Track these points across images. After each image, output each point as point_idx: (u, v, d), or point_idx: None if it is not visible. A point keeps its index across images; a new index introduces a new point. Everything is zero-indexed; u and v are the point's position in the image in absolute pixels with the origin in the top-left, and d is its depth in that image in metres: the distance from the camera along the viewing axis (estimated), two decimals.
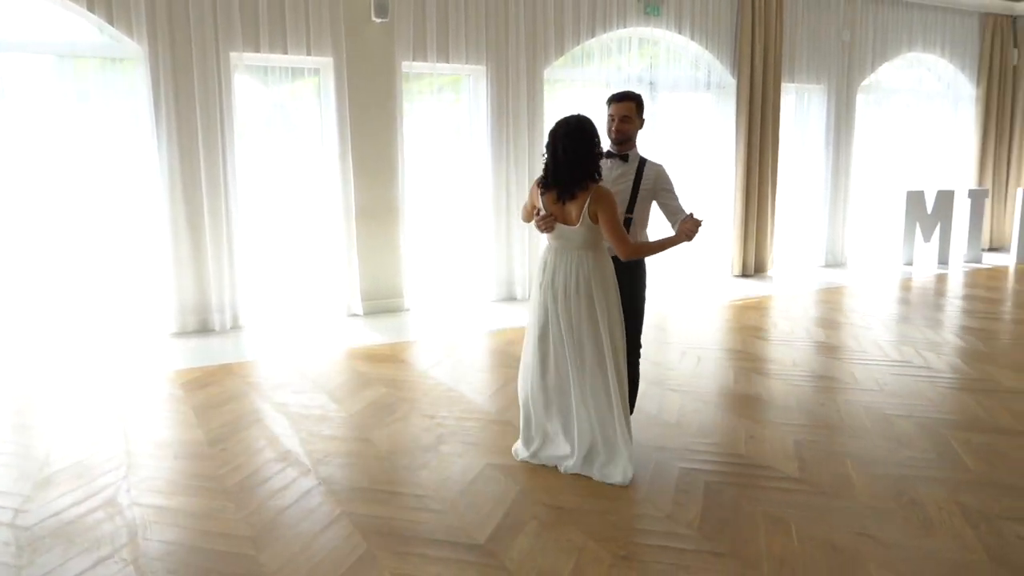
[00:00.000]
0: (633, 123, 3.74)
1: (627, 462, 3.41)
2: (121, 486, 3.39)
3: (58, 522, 3.07)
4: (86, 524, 3.05)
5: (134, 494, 3.32)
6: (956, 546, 2.88)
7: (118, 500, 3.26)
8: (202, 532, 3.00)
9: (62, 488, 3.37)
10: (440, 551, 2.86)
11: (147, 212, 6.14)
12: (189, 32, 6.00)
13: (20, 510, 3.18)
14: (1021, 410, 4.41)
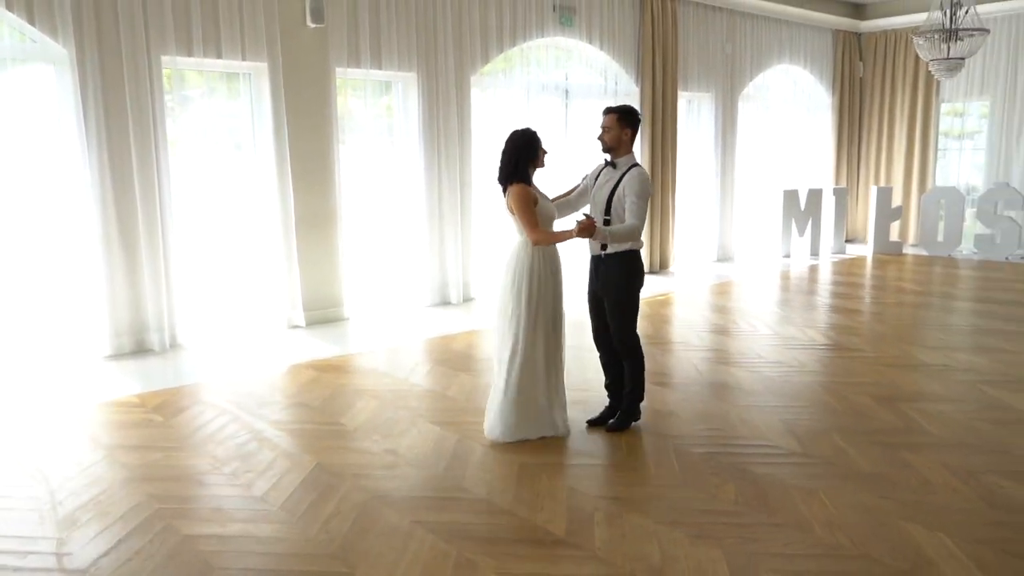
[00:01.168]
0: (614, 133, 4.04)
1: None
2: (160, 517, 3.22)
3: (114, 561, 2.89)
4: (148, 560, 2.89)
5: (182, 524, 3.17)
6: (958, 499, 3.36)
7: (166, 532, 3.10)
8: (281, 556, 2.94)
9: (95, 526, 3.15)
10: (528, 549, 2.98)
11: (76, 227, 5.70)
12: (118, 35, 5.63)
13: (61, 554, 2.95)
14: (944, 381, 5.11)
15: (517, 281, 3.91)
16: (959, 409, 4.55)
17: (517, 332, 3.91)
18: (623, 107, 4.11)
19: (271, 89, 6.42)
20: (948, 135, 12.09)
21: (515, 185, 3.89)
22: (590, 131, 8.59)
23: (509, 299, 3.94)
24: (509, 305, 3.94)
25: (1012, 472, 3.62)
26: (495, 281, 4.16)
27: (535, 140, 3.96)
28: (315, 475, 3.65)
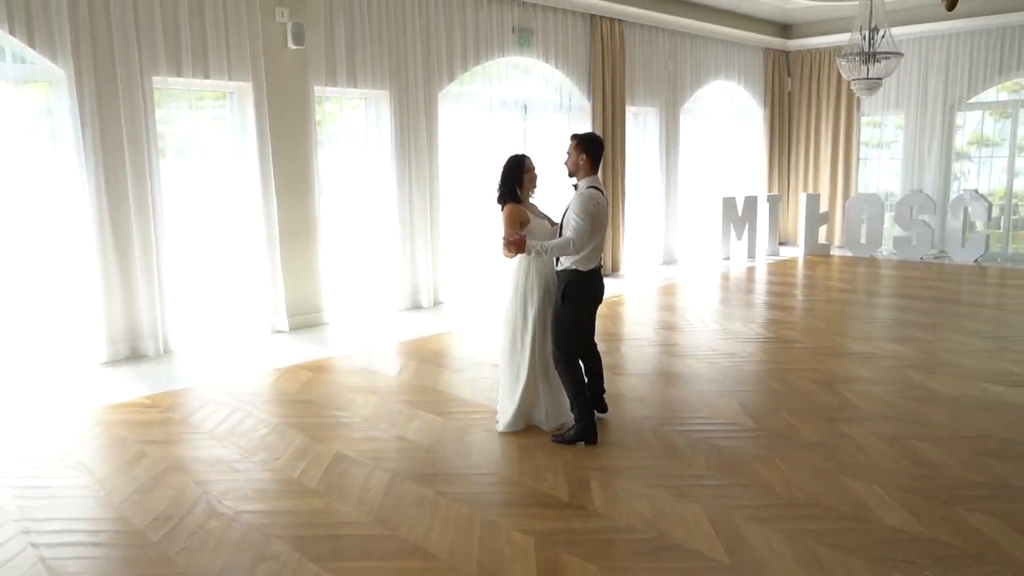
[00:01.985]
0: (572, 158, 4.38)
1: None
2: (207, 499, 3.62)
3: (180, 536, 3.29)
4: (211, 533, 3.31)
5: (230, 504, 3.58)
6: (887, 459, 4.04)
7: (219, 511, 3.51)
8: (328, 525, 3.39)
9: (151, 509, 3.54)
10: (539, 510, 3.50)
11: (74, 238, 5.97)
12: (113, 57, 5.93)
13: (129, 531, 3.34)
14: (871, 366, 5.86)
15: (518, 291, 4.38)
16: (885, 389, 5.29)
17: (518, 337, 4.38)
18: (581, 134, 4.43)
19: (255, 107, 6.79)
20: (868, 144, 13.16)
21: (507, 205, 4.37)
22: (547, 143, 9.30)
23: (511, 307, 4.41)
24: (511, 313, 4.41)
25: (929, 437, 4.33)
26: (501, 291, 4.61)
27: (520, 164, 4.40)
28: (338, 460, 4.10)
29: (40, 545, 3.20)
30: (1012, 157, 11.57)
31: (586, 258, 4.25)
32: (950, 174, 12.02)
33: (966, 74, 11.53)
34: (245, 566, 3.03)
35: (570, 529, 3.32)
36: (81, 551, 3.19)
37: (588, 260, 4.26)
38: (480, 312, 8.01)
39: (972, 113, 11.89)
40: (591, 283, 4.33)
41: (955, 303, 8.37)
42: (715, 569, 2.98)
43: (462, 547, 3.16)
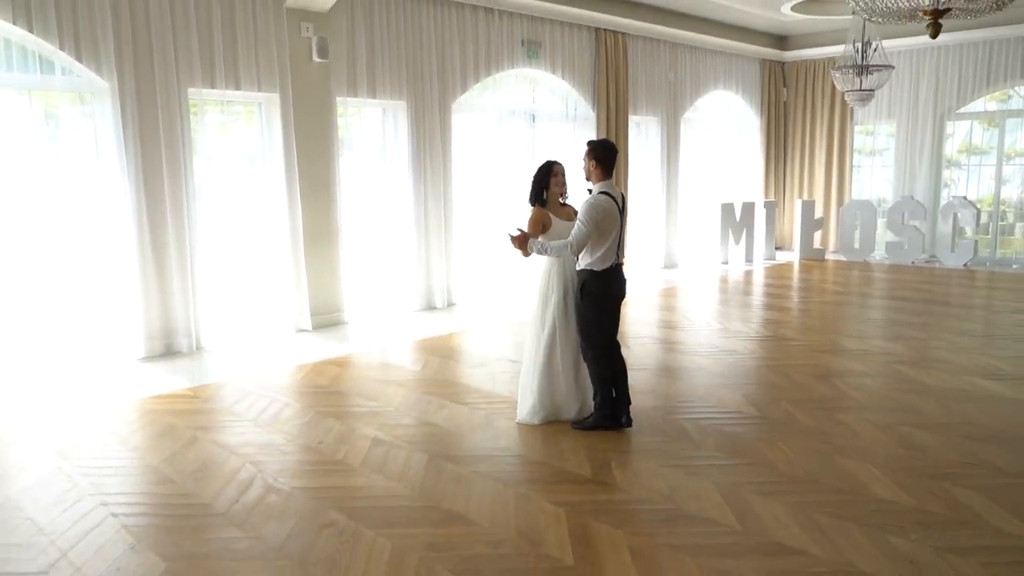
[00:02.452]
0: (585, 164, 4.67)
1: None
2: (264, 476, 3.98)
3: (245, 506, 3.64)
4: (272, 505, 3.66)
5: (286, 480, 3.94)
6: (880, 443, 4.42)
7: (276, 487, 3.87)
8: (377, 498, 3.74)
9: (215, 484, 3.89)
10: (566, 485, 3.87)
11: (114, 240, 6.32)
12: (152, 70, 6.30)
13: (200, 503, 3.69)
14: (864, 361, 6.25)
15: (540, 291, 4.75)
16: (877, 382, 5.68)
17: (537, 334, 4.73)
18: (594, 141, 4.74)
19: (282, 116, 7.16)
20: (861, 152, 13.59)
21: (534, 208, 4.75)
22: (554, 151, 9.68)
23: (534, 306, 4.78)
24: (533, 311, 4.77)
25: (919, 424, 4.71)
26: (531, 290, 4.94)
27: (548, 170, 4.75)
28: (376, 443, 4.46)
29: (119, 515, 3.55)
30: (999, 165, 12.01)
31: (600, 259, 4.56)
32: (940, 181, 12.46)
33: (955, 85, 11.97)
34: (309, 531, 3.39)
35: (595, 501, 3.69)
36: (157, 520, 3.54)
37: (602, 260, 4.56)
38: (491, 313, 8.38)
39: (961, 122, 12.33)
40: (606, 281, 4.60)
41: (945, 305, 8.77)
42: (727, 534, 3.35)
43: (500, 516, 3.52)
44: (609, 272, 4.62)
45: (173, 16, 6.38)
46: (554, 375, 4.74)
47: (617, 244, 4.61)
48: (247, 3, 6.81)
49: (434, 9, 8.26)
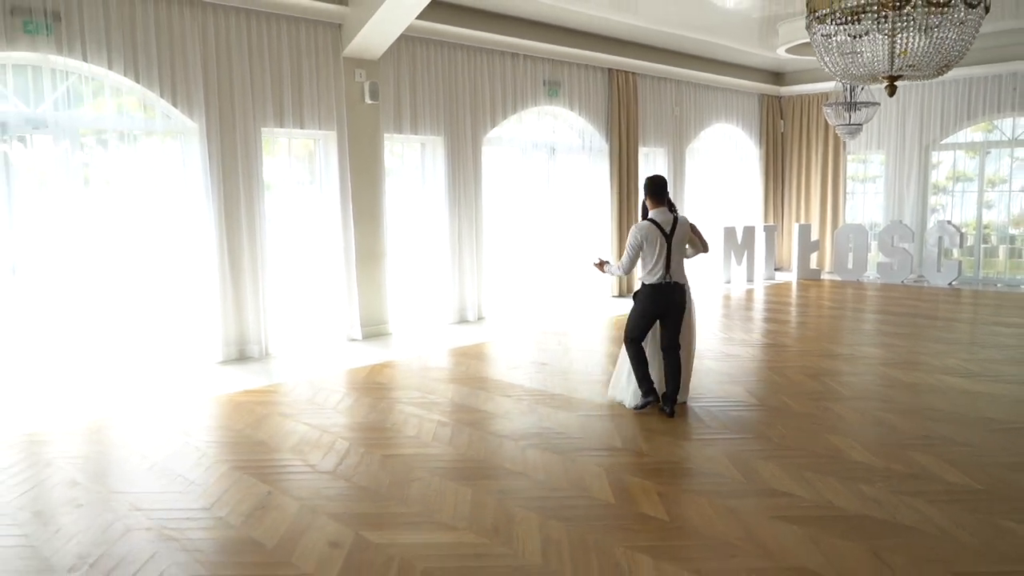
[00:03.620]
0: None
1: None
2: (358, 448, 4.90)
3: (347, 468, 4.56)
4: (369, 467, 4.58)
5: (375, 451, 4.86)
6: (860, 424, 5.34)
7: (370, 454, 4.78)
8: (449, 461, 4.66)
9: (319, 454, 4.81)
10: (604, 452, 4.79)
11: (199, 260, 7.29)
12: (232, 112, 7.32)
13: (310, 466, 4.61)
14: (851, 364, 7.18)
15: None
16: (861, 379, 6.60)
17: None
18: (646, 177, 5.69)
19: (338, 151, 8.17)
20: (855, 179, 14.60)
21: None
22: (571, 179, 10.68)
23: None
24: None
25: (891, 410, 5.63)
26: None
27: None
28: (441, 425, 5.38)
29: (248, 473, 4.48)
30: (981, 192, 13.00)
31: (648, 274, 5.55)
32: (927, 206, 13.45)
33: (939, 118, 13.01)
34: (403, 483, 4.31)
35: (628, 463, 4.61)
36: (278, 477, 4.46)
37: (650, 275, 5.53)
38: (517, 324, 9.32)
39: (946, 152, 13.34)
40: (652, 292, 5.51)
41: (928, 318, 9.70)
42: (733, 484, 4.26)
43: (554, 473, 4.44)
44: (655, 287, 5.51)
45: (251, 67, 7.41)
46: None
47: (665, 262, 5.47)
48: (311, 54, 7.84)
49: (467, 55, 9.31)
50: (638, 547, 3.50)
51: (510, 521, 3.80)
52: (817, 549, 3.47)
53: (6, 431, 5.29)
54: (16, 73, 6.25)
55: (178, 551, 3.52)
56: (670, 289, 5.54)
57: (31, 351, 6.43)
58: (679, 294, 5.60)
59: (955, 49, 4.38)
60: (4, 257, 6.28)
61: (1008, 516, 3.78)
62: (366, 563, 3.38)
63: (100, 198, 6.73)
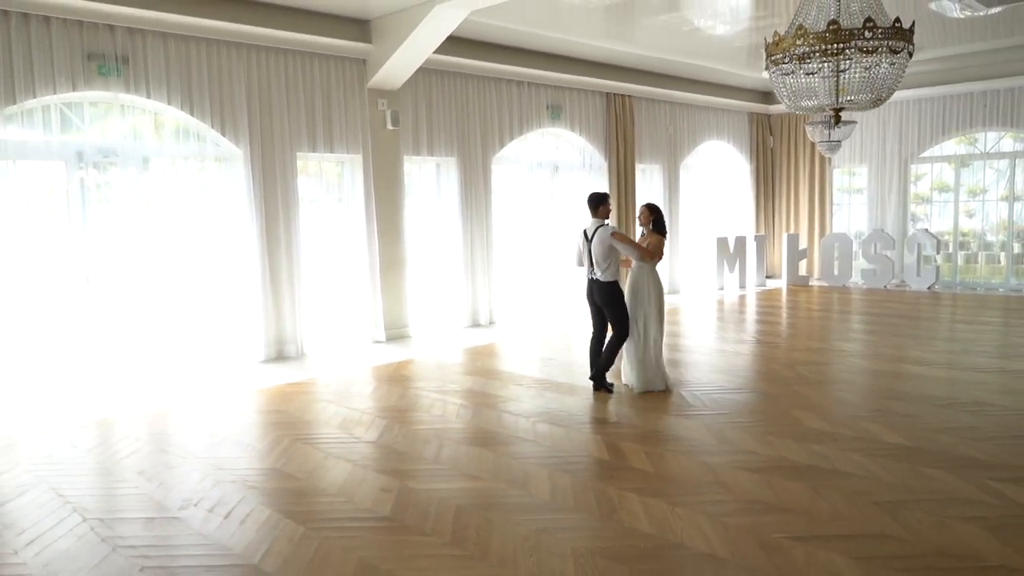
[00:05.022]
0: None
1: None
2: (394, 425, 5.80)
3: (389, 438, 5.46)
4: (416, 436, 5.48)
5: (409, 425, 5.76)
6: (820, 402, 6.21)
7: (403, 427, 5.69)
8: (483, 432, 5.56)
9: (362, 429, 5.71)
10: (600, 425, 5.68)
11: (243, 270, 8.22)
12: (272, 139, 8.28)
13: (358, 439, 5.51)
14: (825, 356, 8.06)
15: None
16: (831, 368, 7.49)
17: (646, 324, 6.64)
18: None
19: (363, 171, 9.12)
20: (844, 190, 15.50)
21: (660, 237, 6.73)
22: (571, 195, 11.60)
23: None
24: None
25: (850, 391, 6.51)
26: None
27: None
28: (462, 407, 6.28)
29: (308, 443, 5.38)
30: (957, 201, 13.90)
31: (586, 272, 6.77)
32: (907, 216, 14.33)
33: (916, 134, 13.93)
34: (435, 448, 5.21)
35: (620, 433, 5.51)
36: (329, 446, 5.35)
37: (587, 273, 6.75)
38: (525, 328, 10.22)
39: (923, 165, 14.24)
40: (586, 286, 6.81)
41: (901, 317, 10.57)
42: (708, 445, 5.14)
43: (559, 441, 5.33)
44: (587, 282, 6.78)
45: (288, 99, 8.38)
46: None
47: (589, 262, 6.64)
48: (340, 87, 8.82)
49: (477, 83, 10.28)
50: (627, 488, 4.39)
51: (524, 474, 4.70)
52: (769, 489, 4.36)
53: (88, 414, 6.21)
54: (91, 109, 7.22)
55: (260, 495, 4.42)
56: (592, 284, 6.68)
57: (102, 349, 7.35)
58: (597, 289, 6.63)
59: (886, 85, 5.30)
60: (79, 268, 7.21)
61: (927, 464, 4.66)
62: (411, 503, 4.28)
63: (159, 216, 7.67)
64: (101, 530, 3.96)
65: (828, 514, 4.00)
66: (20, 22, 6.60)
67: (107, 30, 7.07)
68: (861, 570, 3.38)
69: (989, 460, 4.72)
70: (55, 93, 6.82)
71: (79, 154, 7.16)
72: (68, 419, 6.09)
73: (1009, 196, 13.40)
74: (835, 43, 5.06)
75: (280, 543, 3.78)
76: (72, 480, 4.73)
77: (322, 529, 3.95)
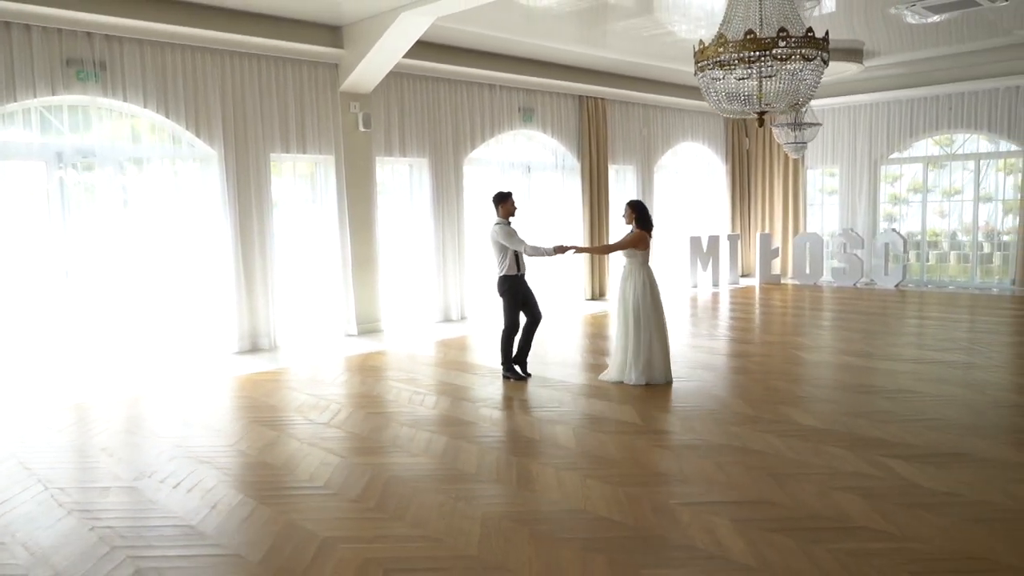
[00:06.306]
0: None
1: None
2: (353, 408, 6.18)
3: (346, 421, 5.84)
4: (366, 420, 5.86)
5: (370, 409, 6.14)
6: (754, 390, 6.59)
7: (365, 412, 6.06)
8: (436, 416, 5.94)
9: (324, 414, 6.09)
10: (552, 411, 6.06)
11: (218, 266, 8.61)
12: (246, 140, 8.67)
13: (315, 422, 5.89)
14: (768, 347, 8.43)
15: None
16: (772, 360, 7.85)
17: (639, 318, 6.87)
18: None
19: (336, 172, 9.51)
20: (823, 191, 15.84)
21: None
22: (546, 194, 11.97)
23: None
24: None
25: (785, 380, 6.88)
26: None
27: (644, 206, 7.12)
28: (415, 393, 6.66)
29: (261, 423, 5.77)
30: (924, 202, 14.26)
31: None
32: (877, 216, 14.69)
33: (885, 136, 14.29)
34: (381, 430, 5.59)
35: (556, 416, 5.88)
36: (283, 426, 5.73)
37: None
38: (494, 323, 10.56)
39: (901, 166, 14.57)
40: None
41: (860, 314, 10.92)
42: (635, 426, 5.52)
43: (503, 427, 5.71)
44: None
45: (261, 102, 8.77)
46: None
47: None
48: (313, 91, 9.21)
49: (449, 87, 10.66)
50: (548, 464, 4.78)
51: (458, 451, 5.07)
52: (677, 464, 4.74)
53: (64, 400, 6.60)
54: (70, 112, 7.62)
55: (211, 469, 4.81)
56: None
57: (81, 341, 7.74)
58: (496, 282, 7.15)
59: (802, 90, 5.67)
60: (59, 263, 7.61)
61: (831, 444, 5.03)
62: (348, 475, 4.66)
63: (137, 214, 8.07)
64: (61, 497, 4.35)
65: (723, 484, 4.37)
66: (2, 30, 7.00)
67: (85, 37, 7.47)
68: (734, 528, 3.75)
69: (890, 440, 5.09)
70: (35, 97, 7.22)
71: (59, 155, 7.55)
72: (45, 404, 6.48)
73: (975, 197, 13.73)
74: (752, 51, 5.43)
75: (219, 508, 4.16)
76: (40, 455, 5.12)
77: (260, 496, 4.33)
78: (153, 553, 3.64)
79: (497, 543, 3.66)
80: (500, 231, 6.99)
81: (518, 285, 7.11)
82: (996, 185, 13.77)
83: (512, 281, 7.08)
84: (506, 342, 7.14)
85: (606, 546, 3.61)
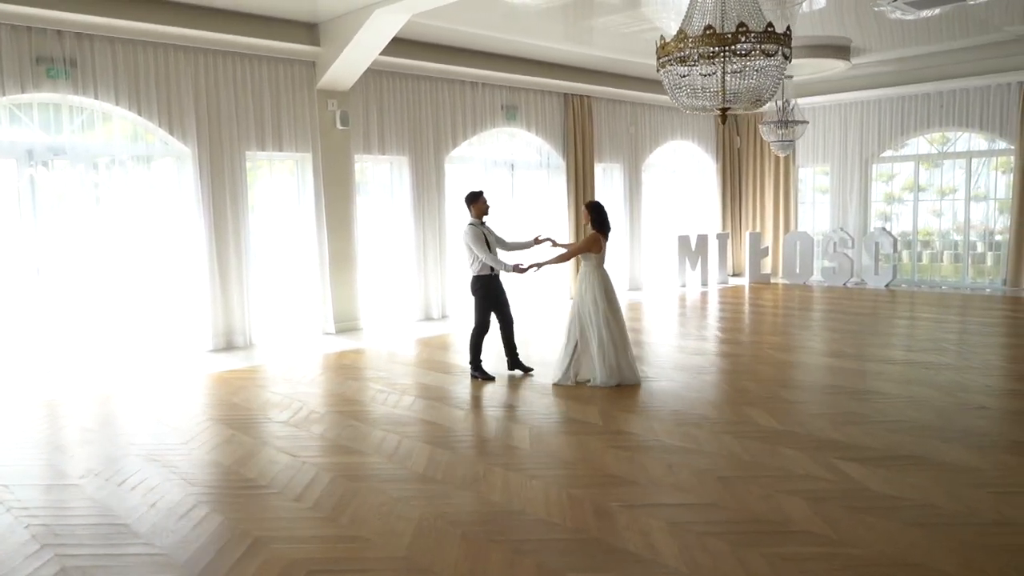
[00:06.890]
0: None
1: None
2: (319, 406, 6.15)
3: (312, 417, 5.81)
4: (334, 418, 5.83)
5: (335, 407, 6.11)
6: (723, 390, 6.53)
7: (330, 411, 6.03)
8: (408, 417, 5.90)
9: (286, 409, 6.06)
10: (515, 408, 6.01)
11: (192, 264, 8.59)
12: (220, 138, 8.64)
13: (289, 411, 5.86)
14: (743, 347, 8.36)
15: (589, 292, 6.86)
16: (746, 360, 7.78)
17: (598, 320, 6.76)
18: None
19: (313, 170, 9.48)
20: (816, 189, 15.74)
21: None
22: (529, 193, 11.92)
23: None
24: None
25: (753, 380, 6.80)
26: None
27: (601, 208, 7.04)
28: (387, 393, 6.62)
29: (220, 421, 5.74)
30: (916, 201, 14.15)
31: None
32: (868, 215, 14.58)
33: (876, 134, 14.19)
34: (337, 428, 5.55)
35: (515, 415, 5.83)
36: (242, 425, 5.70)
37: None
38: None
39: (894, 164, 14.45)
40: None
41: (846, 314, 10.84)
42: (593, 426, 5.47)
43: (460, 426, 5.67)
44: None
45: (236, 100, 8.74)
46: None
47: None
48: (289, 87, 9.18)
49: (429, 84, 10.62)
50: (497, 464, 4.73)
51: (410, 451, 5.03)
52: (628, 465, 4.68)
53: (33, 397, 6.58)
54: (40, 110, 7.60)
55: (158, 467, 4.78)
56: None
57: (53, 338, 7.73)
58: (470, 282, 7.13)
59: (764, 87, 5.61)
60: (30, 260, 7.59)
61: (787, 446, 4.97)
62: (293, 474, 4.62)
63: (109, 211, 8.05)
64: (3, 494, 4.33)
65: (670, 486, 4.32)
66: None
67: (55, 35, 7.45)
68: (670, 531, 3.70)
69: (847, 442, 5.02)
70: (4, 95, 7.20)
71: (29, 152, 7.54)
72: (15, 402, 6.46)
73: (966, 196, 13.62)
74: (712, 46, 5.37)
75: (158, 507, 4.13)
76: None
77: (202, 495, 4.30)
78: (82, 552, 3.61)
79: (427, 545, 3.62)
80: (469, 233, 6.97)
81: (491, 285, 7.07)
82: (989, 184, 13.64)
83: (484, 281, 7.03)
84: (475, 342, 7.10)
85: (537, 548, 3.56)
